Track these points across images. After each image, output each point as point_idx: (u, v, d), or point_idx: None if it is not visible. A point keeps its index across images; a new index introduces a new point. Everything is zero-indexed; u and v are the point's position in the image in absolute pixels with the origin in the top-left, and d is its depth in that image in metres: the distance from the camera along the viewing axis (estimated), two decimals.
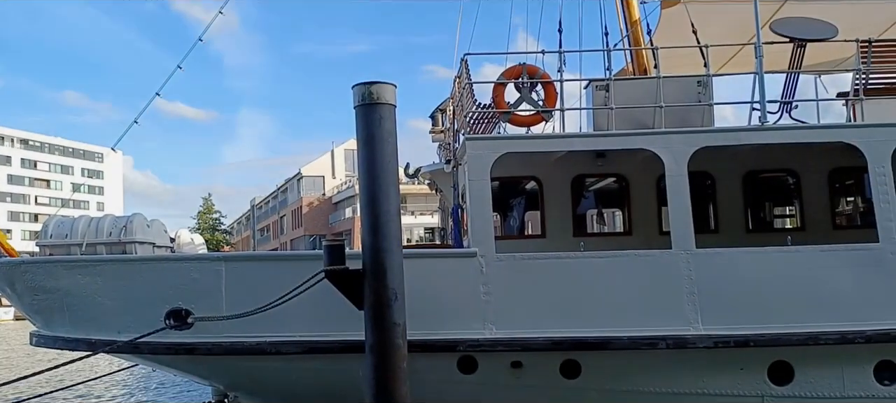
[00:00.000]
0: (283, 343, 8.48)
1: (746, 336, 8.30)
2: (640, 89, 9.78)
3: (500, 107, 9.45)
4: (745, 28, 10.09)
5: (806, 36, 9.91)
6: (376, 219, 7.15)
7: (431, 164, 13.86)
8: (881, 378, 8.47)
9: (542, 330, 8.44)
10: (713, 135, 9.19)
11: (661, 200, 10.43)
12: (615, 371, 8.63)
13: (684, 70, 10.80)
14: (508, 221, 12.08)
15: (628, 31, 12.87)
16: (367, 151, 7.23)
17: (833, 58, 12.30)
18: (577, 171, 10.96)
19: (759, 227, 11.34)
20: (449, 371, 8.63)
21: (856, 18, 11.66)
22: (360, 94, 7.23)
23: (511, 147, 9.16)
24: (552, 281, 8.67)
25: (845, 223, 11.32)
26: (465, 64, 9.82)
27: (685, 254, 8.60)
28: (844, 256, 8.63)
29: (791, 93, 9.98)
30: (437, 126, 14.09)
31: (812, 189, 11.00)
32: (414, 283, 7.75)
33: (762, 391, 8.55)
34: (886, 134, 8.87)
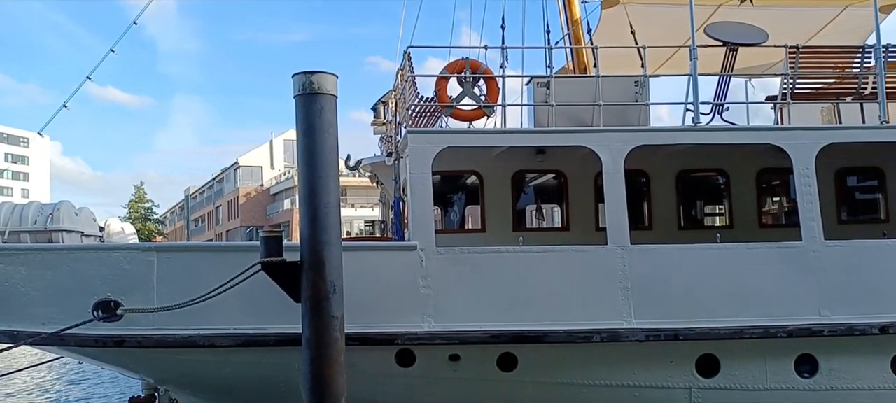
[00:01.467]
0: (216, 336, 8.31)
1: (676, 330, 8.56)
2: (579, 87, 9.94)
3: (443, 100, 9.46)
4: (681, 31, 10.38)
5: (737, 40, 10.26)
6: (315, 211, 7.07)
7: (373, 157, 13.78)
8: (801, 371, 8.86)
9: (481, 324, 8.51)
10: (649, 135, 9.43)
11: (598, 197, 10.65)
12: (551, 364, 8.77)
13: (623, 70, 11.06)
14: (449, 215, 12.13)
15: (569, 30, 13.06)
16: (306, 142, 7.13)
17: (763, 62, 12.77)
18: (517, 167, 11.08)
19: (691, 225, 11.70)
20: (387, 364, 8.62)
21: (785, 25, 12.13)
22: (300, 84, 7.12)
23: (452, 141, 9.19)
24: (491, 275, 8.74)
25: (771, 222, 11.79)
26: (408, 56, 9.79)
27: (620, 250, 8.80)
28: (769, 254, 8.98)
29: (723, 96, 10.33)
30: (379, 118, 13.98)
31: (741, 188, 11.41)
32: (353, 276, 7.71)
33: (690, 382, 8.83)
34: (811, 137, 9.27)
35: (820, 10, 13.63)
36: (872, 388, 8.85)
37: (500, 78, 9.47)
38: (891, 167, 11.20)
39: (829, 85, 10.19)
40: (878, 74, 9.53)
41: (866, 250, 9.07)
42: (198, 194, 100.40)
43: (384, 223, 16.03)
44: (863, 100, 10.23)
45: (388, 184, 12.62)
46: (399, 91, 10.90)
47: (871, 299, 8.77)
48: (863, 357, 8.82)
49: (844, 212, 11.43)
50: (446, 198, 11.90)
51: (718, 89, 10.38)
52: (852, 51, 10.20)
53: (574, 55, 12.75)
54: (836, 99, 10.47)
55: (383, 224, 16.67)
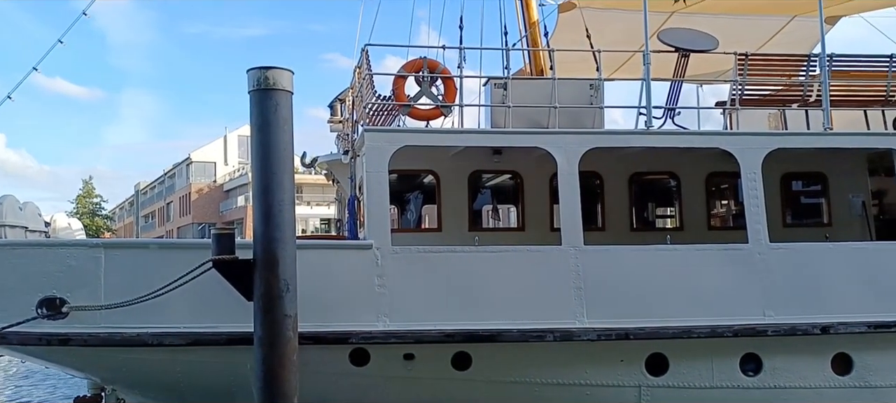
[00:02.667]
0: (166, 335, 8.15)
1: (627, 330, 8.71)
2: (536, 89, 10.05)
3: (400, 99, 9.46)
4: (635, 36, 10.57)
5: (689, 47, 10.50)
6: (269, 208, 6.99)
7: (329, 154, 13.69)
8: (745, 370, 9.10)
9: (436, 323, 8.52)
10: (603, 137, 9.58)
11: (553, 198, 10.77)
12: (505, 363, 8.84)
13: (578, 73, 11.20)
14: (405, 214, 12.12)
15: (527, 32, 13.18)
16: (261, 138, 7.05)
17: (714, 69, 13.11)
18: (474, 167, 11.14)
19: (643, 226, 11.93)
20: (340, 363, 8.58)
21: (735, 33, 12.48)
22: (255, 79, 7.03)
23: (409, 140, 9.19)
24: (447, 275, 8.77)
25: (719, 224, 12.08)
26: (365, 54, 9.75)
27: (573, 251, 8.92)
28: (717, 255, 9.21)
29: (675, 100, 10.56)
30: (336, 116, 13.87)
31: (691, 191, 11.67)
32: (307, 274, 7.65)
33: (640, 381, 9.00)
34: (758, 142, 9.53)
35: (769, 20, 14.06)
36: (813, 387, 9.15)
37: (458, 78, 9.51)
38: (833, 172, 11.60)
39: (776, 92, 10.49)
40: (823, 83, 9.85)
41: (809, 253, 9.38)
42: (148, 190, 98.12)
43: (340, 221, 15.94)
44: (808, 108, 10.58)
45: (344, 183, 12.55)
46: (356, 89, 10.85)
47: (814, 300, 9.07)
48: (805, 357, 9.10)
49: (789, 216, 11.79)
50: (403, 198, 11.90)
51: (670, 94, 10.61)
52: (798, 59, 10.53)
53: (531, 57, 12.88)
54: (782, 106, 10.79)
55: (339, 222, 16.57)
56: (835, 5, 13.89)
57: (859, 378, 9.17)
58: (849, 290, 9.12)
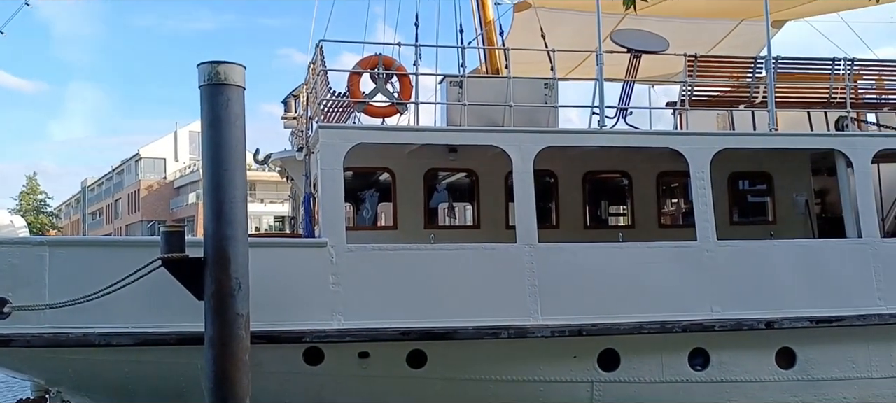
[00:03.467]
0: (113, 335, 7.96)
1: (580, 326, 8.83)
2: (491, 88, 10.11)
3: (355, 96, 9.40)
4: (589, 36, 10.72)
5: (641, 48, 10.69)
6: (220, 206, 6.87)
7: (283, 151, 13.52)
8: (693, 364, 9.32)
9: (391, 321, 8.51)
10: (557, 136, 9.70)
11: (508, 196, 10.85)
12: (459, 361, 8.87)
13: (533, 72, 11.30)
14: (361, 212, 12.06)
15: (482, 31, 13.24)
16: (212, 134, 6.92)
17: (665, 70, 13.38)
18: (429, 165, 11.14)
19: (596, 224, 12.09)
20: (294, 362, 8.50)
21: (686, 35, 12.75)
22: (205, 74, 6.90)
23: (365, 137, 9.15)
24: (402, 273, 8.76)
25: (670, 222, 12.34)
26: (320, 50, 9.67)
27: (528, 248, 9.01)
28: (667, 253, 9.41)
29: (627, 100, 10.74)
30: (290, 112, 13.72)
31: (642, 190, 11.88)
32: (261, 273, 7.56)
33: (592, 376, 9.13)
34: (707, 142, 9.76)
35: (718, 23, 14.42)
36: (758, 380, 9.41)
37: (414, 75, 9.50)
38: (778, 172, 11.94)
39: (724, 93, 10.75)
40: (769, 84, 10.14)
41: (755, 250, 9.65)
42: (96, 186, 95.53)
43: (294, 219, 15.77)
44: (754, 109, 10.88)
45: (299, 180, 12.42)
46: (311, 85, 10.75)
47: (759, 296, 9.33)
48: (750, 351, 9.36)
49: (736, 214, 12.10)
50: (358, 195, 11.83)
51: (623, 94, 10.79)
52: (745, 62, 10.83)
53: (487, 56, 12.94)
54: (730, 107, 11.07)
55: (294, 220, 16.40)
56: (781, 10, 14.33)
57: (802, 371, 9.47)
58: (792, 286, 9.42)
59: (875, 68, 11.22)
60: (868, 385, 9.60)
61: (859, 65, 10.84)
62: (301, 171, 11.44)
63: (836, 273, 9.61)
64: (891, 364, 9.67)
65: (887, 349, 9.66)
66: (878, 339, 9.60)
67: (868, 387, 9.60)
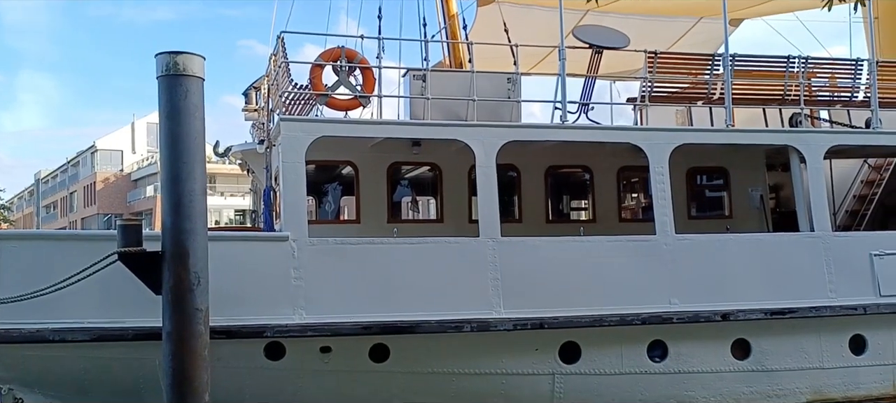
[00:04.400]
0: (68, 330, 7.78)
1: (541, 319, 8.91)
2: (455, 82, 10.11)
3: (317, 89, 9.32)
4: (552, 32, 10.77)
5: (603, 44, 10.81)
6: (179, 199, 6.76)
7: (243, 144, 13.34)
8: (652, 356, 9.48)
9: (353, 315, 8.47)
10: (520, 131, 9.75)
11: (471, 190, 10.88)
12: (422, 354, 8.88)
13: (497, 66, 11.33)
14: (323, 206, 11.97)
15: (446, 24, 13.23)
16: (170, 126, 6.81)
17: (626, 66, 13.52)
18: (392, 159, 11.10)
19: (558, 218, 12.20)
20: (255, 357, 8.41)
21: (646, 32, 12.92)
22: (163, 64, 6.78)
23: (327, 130, 9.08)
24: (365, 266, 8.73)
25: (630, 216, 12.50)
26: (281, 42, 9.57)
27: (491, 242, 9.05)
28: (627, 246, 9.55)
29: (588, 96, 10.85)
30: (251, 104, 13.53)
31: (603, 184, 12.02)
32: (221, 267, 7.47)
33: (553, 369, 9.23)
34: (666, 137, 9.92)
35: (677, 21, 14.66)
36: (715, 371, 9.61)
37: (377, 68, 9.46)
38: (734, 167, 12.20)
39: (683, 89, 10.93)
40: (726, 81, 10.34)
41: (712, 243, 9.85)
42: (50, 179, 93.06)
43: (255, 212, 15.59)
44: (712, 105, 11.09)
45: (260, 173, 12.28)
46: (272, 77, 10.63)
47: (715, 288, 9.53)
48: (707, 343, 9.55)
49: (694, 209, 12.33)
50: (320, 189, 11.74)
51: (585, 90, 10.89)
52: (704, 59, 11.01)
53: (450, 50, 12.94)
54: (688, 103, 11.26)
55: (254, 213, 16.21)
56: (738, 9, 14.63)
57: (756, 362, 9.70)
58: (747, 279, 9.64)
59: (828, 66, 11.52)
60: (819, 376, 9.87)
61: (813, 63, 11.12)
62: (262, 164, 11.32)
63: (789, 266, 9.86)
64: (841, 355, 9.96)
65: (838, 340, 9.94)
66: (830, 331, 9.88)
67: (819, 378, 9.87)
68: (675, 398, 9.50)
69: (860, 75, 11.15)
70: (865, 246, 10.20)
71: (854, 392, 9.98)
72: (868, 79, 11.00)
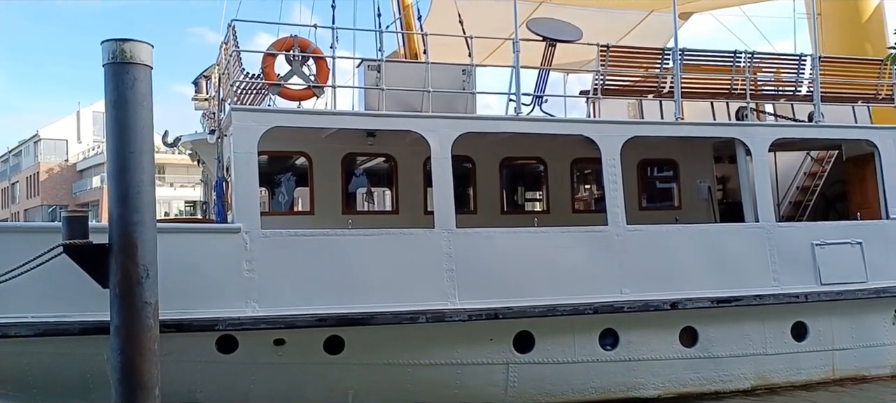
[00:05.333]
0: (11, 325, 7.56)
1: (496, 309, 8.99)
2: (410, 72, 10.09)
3: (270, 78, 9.20)
4: (506, 24, 10.84)
5: (556, 37, 10.92)
6: (127, 190, 6.61)
7: (194, 133, 13.08)
8: (604, 344, 9.66)
9: (307, 307, 8.42)
10: (475, 122, 9.80)
11: (426, 181, 10.89)
12: (377, 346, 8.87)
13: (451, 58, 11.35)
14: (277, 197, 11.84)
15: (400, 15, 13.17)
16: (117, 115, 6.64)
17: (579, 59, 13.70)
18: (347, 149, 11.04)
19: (513, 209, 12.31)
20: (207, 351, 8.29)
21: (598, 24, 13.07)
22: (110, 51, 6.61)
23: (280, 121, 8.98)
24: (319, 258, 8.68)
25: (583, 207, 12.69)
26: (232, 30, 9.41)
27: (446, 233, 9.08)
28: (580, 237, 9.70)
29: (542, 88, 10.95)
30: (202, 93, 13.27)
31: (557, 176, 12.17)
32: (171, 260, 7.35)
33: (508, 358, 9.33)
34: (617, 130, 10.09)
35: (629, 14, 14.86)
36: (663, 358, 9.85)
37: (331, 58, 9.38)
38: (683, 159, 12.48)
39: (635, 83, 11.12)
40: (675, 75, 10.56)
41: (661, 234, 10.07)
42: None
43: (206, 204, 15.32)
44: (662, 98, 11.31)
45: (211, 164, 12.06)
46: (223, 66, 10.44)
47: (665, 278, 9.75)
48: (656, 331, 9.77)
49: (644, 200, 12.58)
50: (274, 180, 11.61)
51: (538, 81, 10.99)
52: (654, 53, 11.21)
53: (405, 40, 12.89)
54: (640, 96, 11.47)
55: (205, 205, 15.92)
56: (687, 3, 14.92)
57: (703, 349, 9.97)
58: (695, 268, 9.89)
59: (773, 62, 11.87)
60: (763, 361, 10.20)
61: (759, 58, 11.43)
62: (213, 155, 11.13)
63: (734, 255, 10.15)
64: (784, 342, 10.31)
65: (781, 327, 10.29)
66: (773, 318, 10.21)
67: (763, 363, 10.20)
68: (625, 385, 9.71)
69: (803, 70, 11.51)
70: (807, 236, 10.56)
71: (796, 377, 10.35)
72: (811, 74, 11.36)
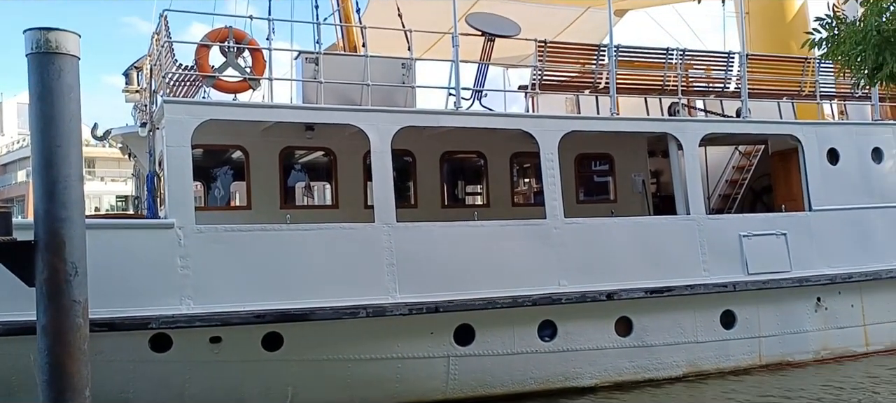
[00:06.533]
0: None
1: (436, 303, 9.03)
2: (348, 66, 10.03)
3: (204, 70, 8.99)
4: (445, 18, 10.86)
5: (494, 31, 11.02)
6: (53, 185, 6.34)
7: (125, 127, 12.67)
8: (542, 336, 9.82)
9: (245, 304, 8.29)
10: (415, 116, 9.81)
11: (367, 175, 10.84)
12: (317, 341, 8.80)
13: (391, 51, 11.31)
14: (213, 192, 11.59)
15: (339, 7, 13.04)
16: (41, 107, 6.35)
17: (518, 54, 13.83)
18: (285, 143, 10.89)
19: (453, 203, 12.37)
20: (140, 350, 8.08)
21: (536, 20, 13.23)
22: (33, 41, 6.31)
23: (215, 113, 8.79)
24: (257, 254, 8.55)
25: (523, 201, 12.86)
26: (164, 20, 9.15)
27: (386, 228, 9.07)
28: (519, 230, 9.82)
29: (482, 82, 11.03)
30: (133, 85, 12.86)
31: (497, 170, 12.29)
32: (101, 256, 7.13)
33: (448, 351, 9.38)
34: (555, 125, 10.25)
35: (566, 10, 15.08)
36: (600, 348, 10.07)
37: (267, 50, 9.23)
38: (618, 153, 12.77)
39: (572, 78, 11.32)
40: (610, 71, 10.79)
41: (597, 227, 10.29)
42: None
43: (138, 199, 14.87)
44: (598, 94, 11.55)
45: (143, 157, 11.70)
46: (154, 57, 10.14)
47: (601, 269, 9.97)
48: (593, 321, 9.99)
49: (582, 193, 12.82)
50: (209, 174, 11.36)
51: (478, 76, 11.06)
52: (590, 49, 11.43)
53: (344, 33, 12.78)
54: (576, 91, 11.67)
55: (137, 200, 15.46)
56: (623, 0, 15.24)
57: (638, 338, 10.24)
58: (630, 260, 10.14)
59: (703, 59, 12.25)
60: (694, 349, 10.55)
61: (690, 55, 11.79)
62: (145, 148, 10.80)
63: (667, 247, 10.46)
64: (713, 330, 10.67)
65: (711, 315, 10.65)
66: (703, 307, 10.56)
67: (694, 351, 10.55)
68: (563, 375, 9.89)
69: (732, 67, 11.92)
70: (735, 227, 10.96)
71: (725, 364, 10.74)
72: (739, 71, 11.78)
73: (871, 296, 11.57)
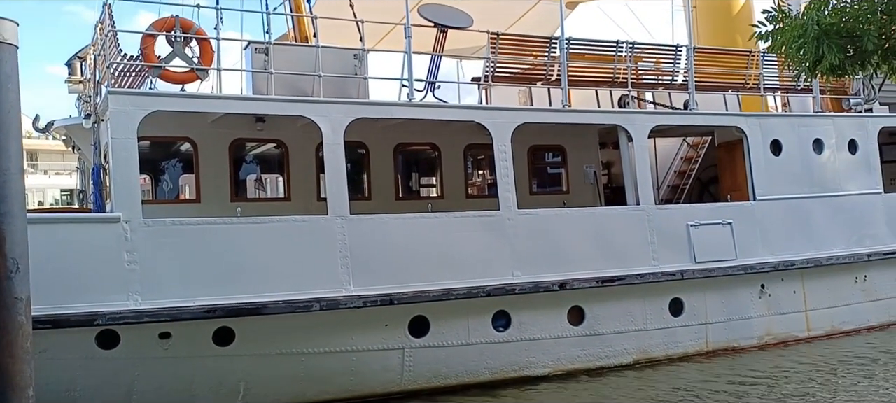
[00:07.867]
0: None
1: (391, 295, 9.02)
2: (300, 56, 9.90)
3: (150, 60, 8.77)
4: (398, 9, 10.81)
5: (447, 23, 11.01)
6: None
7: (68, 118, 12.29)
8: (497, 326, 9.88)
9: (194, 298, 8.15)
10: (367, 108, 9.74)
11: (319, 167, 10.73)
12: (269, 336, 8.70)
13: (343, 42, 11.21)
14: (161, 184, 11.33)
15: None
16: None
17: (471, 45, 13.86)
18: (235, 135, 10.72)
19: (407, 195, 12.36)
20: (85, 347, 7.87)
21: (488, 11, 13.26)
22: None
23: (161, 105, 8.60)
24: (206, 247, 8.40)
25: (476, 193, 12.92)
26: (108, 9, 8.90)
27: (340, 220, 9.00)
28: (473, 222, 9.86)
29: (435, 74, 11.02)
30: (76, 75, 12.47)
31: (451, 161, 12.31)
32: (45, 252, 6.92)
33: (403, 343, 9.38)
34: (508, 116, 10.31)
35: (518, 2, 15.15)
36: (553, 337, 10.20)
37: (215, 40, 9.05)
38: (571, 145, 12.93)
39: (524, 70, 11.39)
40: (562, 64, 10.90)
41: (550, 218, 10.40)
42: None
43: (83, 192, 14.46)
44: (550, 86, 11.65)
45: (87, 150, 11.38)
46: (98, 46, 9.85)
47: (554, 260, 10.08)
48: (546, 311, 10.11)
49: (535, 185, 12.95)
50: (157, 166, 11.10)
51: (431, 67, 11.05)
52: (542, 41, 11.52)
53: (295, 23, 12.60)
54: (529, 83, 11.75)
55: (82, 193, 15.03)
56: None
57: (589, 327, 10.40)
58: (582, 250, 10.28)
59: (652, 52, 12.47)
60: (644, 336, 10.76)
61: (639, 48, 11.98)
62: (89, 141, 10.50)
63: (618, 237, 10.63)
64: (662, 318, 10.90)
65: (659, 304, 10.88)
66: (653, 295, 10.78)
67: (644, 338, 10.76)
68: (517, 364, 9.99)
69: (680, 60, 12.17)
70: (683, 217, 11.21)
71: (674, 351, 10.98)
72: (686, 64, 12.02)
73: (813, 283, 11.97)
